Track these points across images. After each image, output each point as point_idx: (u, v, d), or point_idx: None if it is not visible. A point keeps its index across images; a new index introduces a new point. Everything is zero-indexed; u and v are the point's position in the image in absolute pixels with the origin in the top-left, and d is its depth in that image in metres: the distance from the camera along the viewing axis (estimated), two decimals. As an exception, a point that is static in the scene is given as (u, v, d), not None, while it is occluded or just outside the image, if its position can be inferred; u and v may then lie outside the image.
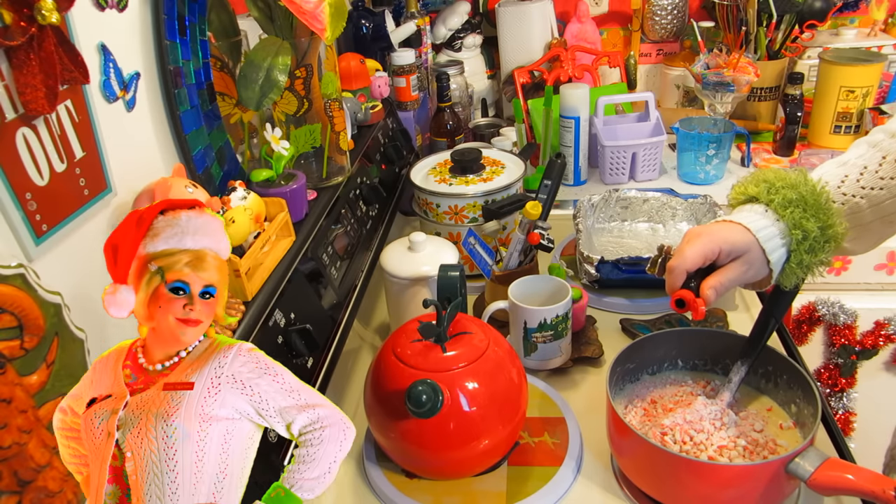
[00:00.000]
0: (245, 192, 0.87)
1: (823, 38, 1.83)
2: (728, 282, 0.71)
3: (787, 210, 0.71)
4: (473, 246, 1.10)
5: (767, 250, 0.71)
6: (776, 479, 0.71)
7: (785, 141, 1.68)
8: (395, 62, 1.61)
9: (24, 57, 0.60)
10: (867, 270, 1.54)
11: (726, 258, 0.72)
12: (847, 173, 0.74)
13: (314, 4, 0.87)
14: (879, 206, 0.72)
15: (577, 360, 1.03)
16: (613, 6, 1.97)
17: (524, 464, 0.85)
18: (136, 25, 0.83)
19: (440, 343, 0.80)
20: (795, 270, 0.72)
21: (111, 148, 0.76)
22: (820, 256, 0.71)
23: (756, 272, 0.72)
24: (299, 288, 0.95)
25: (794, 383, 0.82)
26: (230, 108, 1.02)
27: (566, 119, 1.55)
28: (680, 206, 1.32)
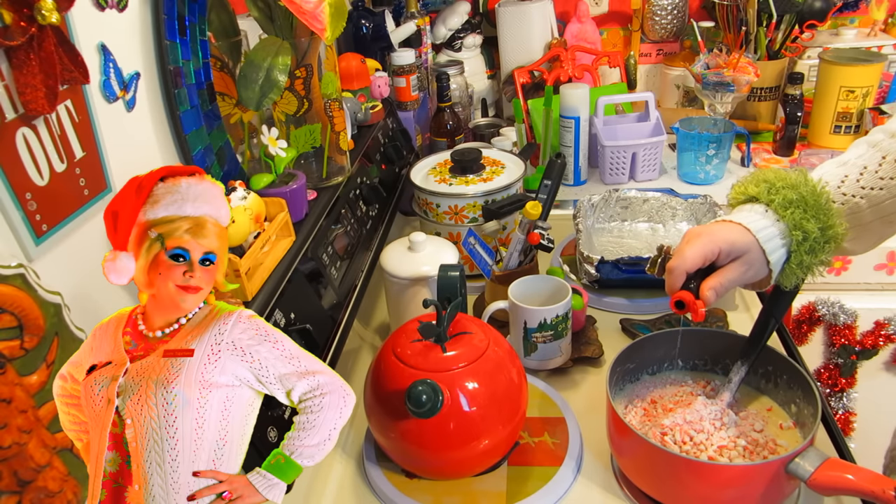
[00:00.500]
0: (245, 192, 0.87)
1: (823, 38, 1.83)
2: (728, 283, 0.71)
3: (787, 211, 0.71)
4: (473, 246, 1.10)
5: (767, 251, 0.71)
6: (776, 479, 0.71)
7: (785, 141, 1.68)
8: (395, 62, 1.61)
9: (24, 57, 0.60)
10: (867, 270, 1.54)
11: (726, 258, 0.72)
12: (847, 173, 0.74)
13: (314, 4, 0.87)
14: (879, 206, 0.72)
15: (577, 360, 1.03)
16: (613, 6, 1.97)
17: (524, 464, 0.85)
18: (136, 25, 0.83)
19: (440, 343, 0.80)
20: (795, 271, 0.72)
21: (111, 148, 0.76)
22: (820, 257, 0.71)
23: (756, 272, 0.72)
24: (299, 288, 0.95)
25: (794, 383, 0.82)
26: (230, 108, 1.02)
27: (566, 119, 1.55)
28: (680, 206, 1.32)
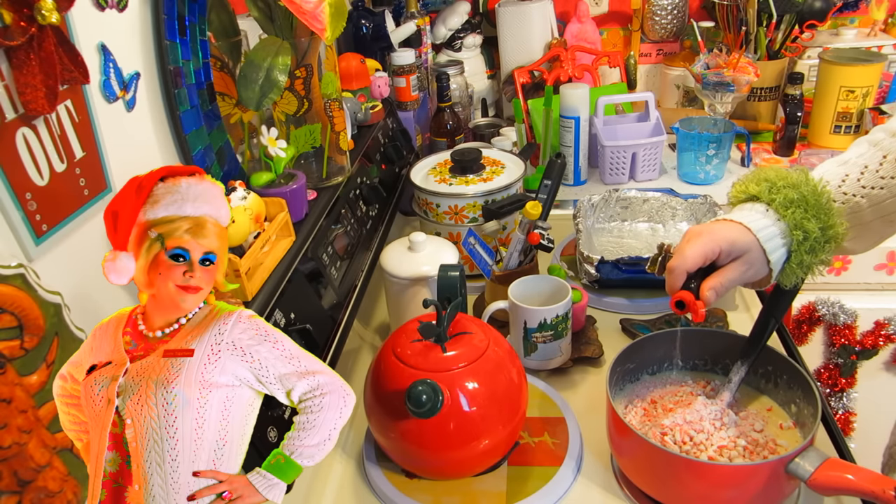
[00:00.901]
0: (245, 192, 0.87)
1: (823, 38, 1.83)
2: (728, 282, 0.71)
3: (788, 210, 0.71)
4: (473, 246, 1.10)
5: (768, 250, 0.71)
6: (776, 479, 0.71)
7: (785, 141, 1.68)
8: (395, 62, 1.61)
9: (24, 57, 0.60)
10: (867, 270, 1.54)
11: (726, 258, 0.72)
12: (848, 172, 0.74)
13: (314, 4, 0.87)
14: (880, 206, 0.72)
15: (577, 360, 1.03)
16: (613, 6, 1.97)
17: (524, 464, 0.85)
18: (136, 25, 0.83)
19: (440, 343, 0.80)
20: (796, 270, 0.72)
21: (111, 148, 0.76)
22: (820, 256, 0.71)
23: (756, 272, 0.72)
24: (299, 288, 0.95)
25: (794, 383, 0.82)
26: (230, 108, 1.02)
27: (566, 119, 1.55)
28: (680, 206, 1.32)
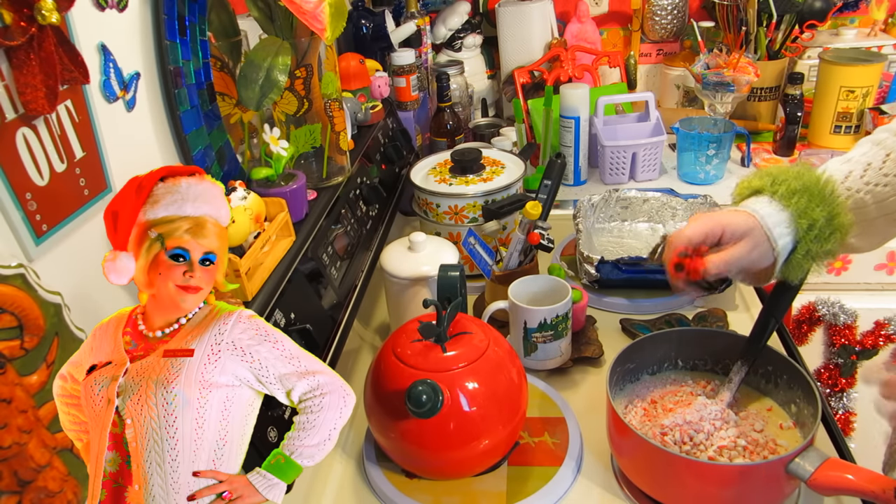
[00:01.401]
0: (245, 192, 0.87)
1: (823, 38, 1.83)
2: (731, 258, 0.70)
3: (792, 199, 0.70)
4: (473, 246, 1.10)
5: (774, 236, 0.70)
6: (776, 479, 0.71)
7: (785, 141, 1.68)
8: (395, 62, 1.61)
9: (24, 57, 0.60)
10: (867, 270, 1.54)
11: (730, 239, 0.71)
12: (851, 169, 0.74)
13: (314, 4, 0.87)
14: (884, 203, 0.72)
15: (577, 360, 1.03)
16: (613, 6, 1.97)
17: (524, 464, 0.85)
18: (136, 25, 0.83)
19: (440, 343, 0.80)
20: (801, 262, 0.71)
21: (111, 148, 0.76)
22: (826, 246, 0.70)
23: (761, 254, 0.71)
24: (299, 288, 0.95)
25: (794, 383, 0.82)
26: (230, 108, 1.02)
27: (566, 119, 1.55)
28: (680, 206, 1.32)
